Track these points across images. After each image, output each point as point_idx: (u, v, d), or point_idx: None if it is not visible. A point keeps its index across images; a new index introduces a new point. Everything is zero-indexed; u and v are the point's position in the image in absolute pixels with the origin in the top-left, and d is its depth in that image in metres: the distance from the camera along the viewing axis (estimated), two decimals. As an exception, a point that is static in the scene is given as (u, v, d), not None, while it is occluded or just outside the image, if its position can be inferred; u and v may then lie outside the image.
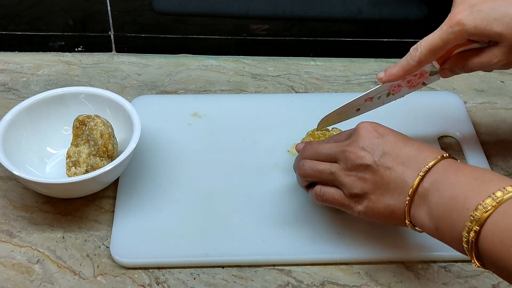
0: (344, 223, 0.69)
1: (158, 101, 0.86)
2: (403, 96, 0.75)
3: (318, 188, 0.65)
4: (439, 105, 0.86)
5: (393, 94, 0.74)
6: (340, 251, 0.67)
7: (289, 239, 0.68)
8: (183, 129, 0.81)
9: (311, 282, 0.65)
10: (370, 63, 0.96)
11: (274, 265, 0.67)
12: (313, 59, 0.96)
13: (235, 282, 0.65)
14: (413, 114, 0.84)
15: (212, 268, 0.66)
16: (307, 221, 0.70)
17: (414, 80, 0.72)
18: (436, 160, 0.56)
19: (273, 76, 0.93)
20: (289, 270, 0.66)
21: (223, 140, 0.80)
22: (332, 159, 0.63)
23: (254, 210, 0.71)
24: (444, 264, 0.67)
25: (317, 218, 0.70)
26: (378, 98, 0.74)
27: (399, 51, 0.95)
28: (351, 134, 0.63)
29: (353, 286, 0.65)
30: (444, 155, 0.57)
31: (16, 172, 0.66)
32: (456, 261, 0.67)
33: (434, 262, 0.67)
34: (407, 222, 0.57)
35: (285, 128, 0.81)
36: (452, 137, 0.82)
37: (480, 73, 0.94)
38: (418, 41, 0.94)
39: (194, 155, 0.77)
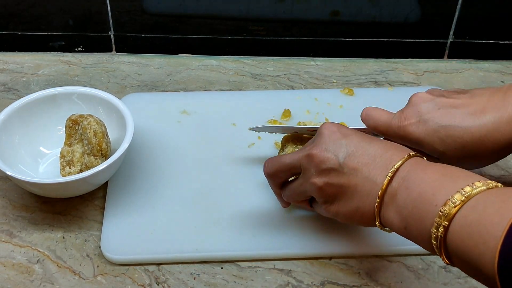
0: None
1: (147, 99, 0.86)
2: None
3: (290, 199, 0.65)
4: None
5: None
6: (328, 246, 0.67)
7: (279, 234, 0.68)
8: (173, 127, 0.82)
9: (311, 282, 0.65)
10: (370, 63, 0.96)
11: (264, 260, 0.67)
12: (313, 59, 0.96)
13: (235, 282, 0.65)
14: (401, 108, 0.84)
15: (212, 268, 0.66)
16: (297, 216, 0.70)
17: None
18: (403, 159, 0.55)
19: (273, 76, 0.93)
20: (289, 270, 0.66)
21: (212, 136, 0.80)
22: (297, 167, 0.61)
23: (244, 206, 0.71)
24: (444, 264, 0.67)
25: (307, 213, 0.70)
26: None
27: (399, 51, 0.96)
28: (315, 137, 0.62)
29: (353, 286, 0.65)
30: (411, 153, 0.56)
31: (9, 172, 0.66)
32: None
33: (430, 254, 0.67)
34: (377, 223, 0.56)
35: (273, 123, 0.82)
36: None
37: (480, 73, 0.94)
38: (417, 41, 0.95)
39: (183, 152, 0.78)
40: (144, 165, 0.76)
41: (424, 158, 0.56)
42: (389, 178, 0.54)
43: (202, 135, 0.80)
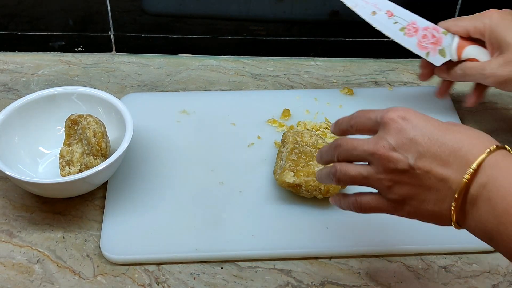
0: (333, 217, 0.70)
1: (147, 99, 0.86)
2: (406, 46, 0.77)
3: (353, 199, 0.57)
4: (426, 100, 0.86)
5: (404, 34, 0.75)
6: (328, 246, 0.68)
7: (278, 234, 0.69)
8: (172, 127, 0.82)
9: (311, 282, 0.65)
10: (370, 63, 0.96)
11: (264, 260, 0.67)
12: (313, 59, 0.96)
13: (235, 282, 0.65)
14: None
15: (212, 268, 0.66)
16: (296, 216, 0.70)
17: (427, 40, 0.75)
18: (481, 158, 0.48)
19: (273, 76, 0.93)
20: (289, 270, 0.66)
21: (212, 136, 0.80)
22: (365, 160, 0.55)
23: (243, 206, 0.71)
24: (444, 264, 0.67)
25: (306, 213, 0.71)
26: (394, 23, 0.75)
27: (399, 51, 0.95)
28: (378, 124, 0.54)
29: (353, 286, 0.65)
30: (491, 147, 0.48)
31: (8, 172, 0.66)
32: (456, 261, 0.67)
33: (431, 254, 0.68)
34: (454, 225, 0.51)
35: (273, 123, 0.82)
36: None
37: (480, 73, 0.94)
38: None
39: (183, 152, 0.78)
40: (143, 165, 0.76)
41: (508, 148, 0.50)
42: (466, 182, 0.49)
43: (202, 135, 0.80)
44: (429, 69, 0.80)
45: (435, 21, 0.81)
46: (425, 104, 0.85)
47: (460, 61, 0.76)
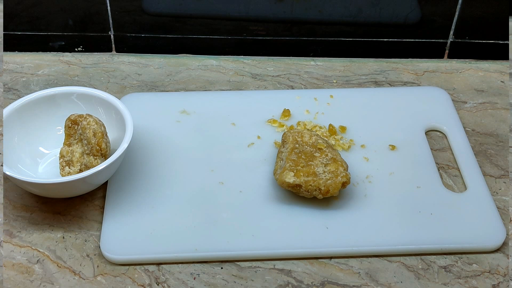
0: (333, 217, 0.70)
1: (147, 99, 0.86)
2: None
3: None
4: (426, 100, 0.86)
5: None
6: (328, 246, 0.67)
7: (278, 234, 0.68)
8: (172, 127, 0.81)
9: (311, 282, 0.65)
10: (370, 63, 0.96)
11: (264, 260, 0.67)
12: (313, 59, 0.96)
13: (235, 282, 0.65)
14: (400, 107, 0.84)
15: (212, 268, 0.66)
16: (296, 216, 0.70)
17: None
18: None
19: (273, 76, 0.93)
20: (289, 270, 0.66)
21: (212, 136, 0.80)
22: None
23: (243, 206, 0.71)
24: (444, 264, 0.67)
25: (306, 213, 0.70)
26: None
27: (399, 51, 0.96)
28: None
29: (353, 286, 0.65)
30: None
31: (8, 172, 0.66)
32: (456, 261, 0.67)
33: (431, 254, 0.68)
34: None
35: (273, 123, 0.82)
36: (439, 131, 0.82)
37: (480, 73, 0.94)
38: (417, 41, 0.95)
39: (183, 152, 0.78)
40: (143, 165, 0.76)
41: None
42: None
43: (202, 135, 0.80)
44: None
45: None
46: (425, 104, 0.85)
47: None
